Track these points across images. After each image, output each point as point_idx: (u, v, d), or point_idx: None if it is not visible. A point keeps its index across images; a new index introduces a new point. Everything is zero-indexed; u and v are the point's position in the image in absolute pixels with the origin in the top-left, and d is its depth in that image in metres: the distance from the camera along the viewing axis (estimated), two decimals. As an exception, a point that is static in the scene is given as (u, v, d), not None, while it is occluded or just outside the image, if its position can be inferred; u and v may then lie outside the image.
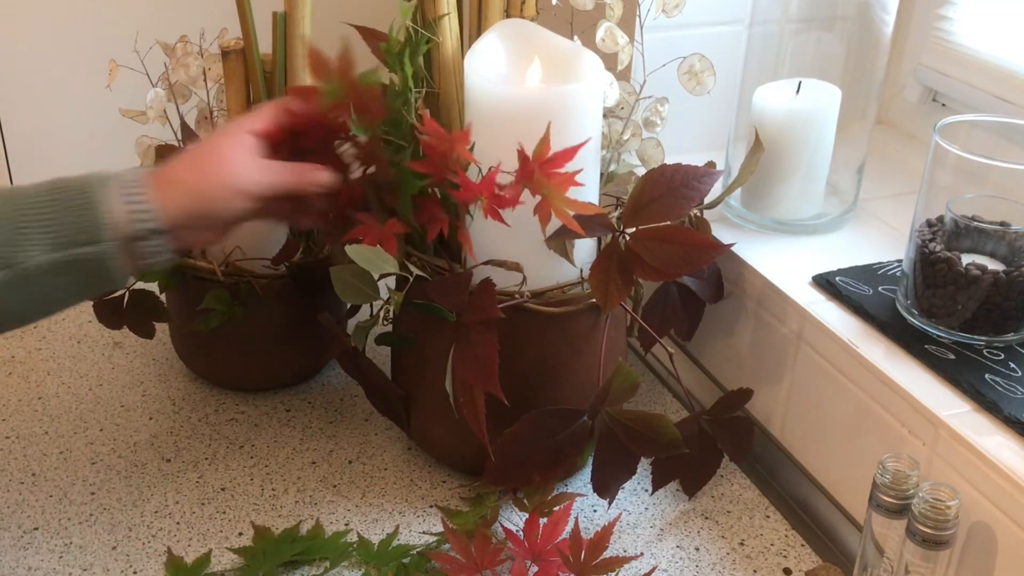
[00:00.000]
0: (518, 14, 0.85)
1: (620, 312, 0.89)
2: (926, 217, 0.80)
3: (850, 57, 0.93)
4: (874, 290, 0.85)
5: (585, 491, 0.88)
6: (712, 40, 1.00)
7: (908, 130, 1.12)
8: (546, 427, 0.80)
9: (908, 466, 0.71)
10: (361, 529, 0.86)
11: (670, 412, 1.00)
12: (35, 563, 0.82)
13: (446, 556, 0.80)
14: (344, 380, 1.05)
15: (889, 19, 0.91)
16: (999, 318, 0.77)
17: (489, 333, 0.76)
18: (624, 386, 0.80)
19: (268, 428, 0.98)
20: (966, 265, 0.76)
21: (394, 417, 0.93)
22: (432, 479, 0.92)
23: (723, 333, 0.97)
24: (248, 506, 0.88)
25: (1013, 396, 0.73)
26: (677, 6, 0.90)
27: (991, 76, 0.99)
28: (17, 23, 1.21)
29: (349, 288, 0.82)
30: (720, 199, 0.93)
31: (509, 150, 0.79)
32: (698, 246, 0.78)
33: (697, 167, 0.81)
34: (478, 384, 0.76)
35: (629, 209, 0.80)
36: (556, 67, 0.80)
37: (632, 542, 0.85)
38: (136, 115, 0.98)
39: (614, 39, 0.88)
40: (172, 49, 0.98)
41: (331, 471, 0.93)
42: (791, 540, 0.85)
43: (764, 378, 0.92)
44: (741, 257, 0.92)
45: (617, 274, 0.79)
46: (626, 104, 0.91)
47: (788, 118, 0.92)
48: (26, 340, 1.11)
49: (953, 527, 0.68)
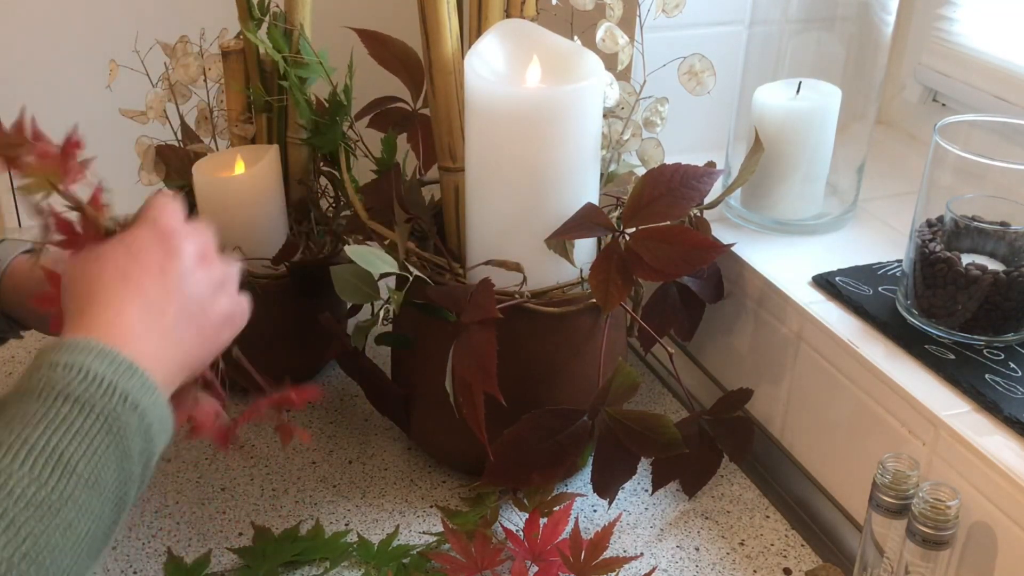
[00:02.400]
0: (518, 14, 0.85)
1: (620, 312, 0.89)
2: (926, 217, 0.80)
3: (850, 57, 0.93)
4: (874, 290, 0.85)
5: (585, 491, 0.88)
6: (712, 40, 1.00)
7: (908, 130, 1.12)
8: (546, 427, 0.80)
9: (908, 466, 0.71)
10: (361, 529, 0.86)
11: (670, 412, 1.00)
12: (35, 563, 0.82)
13: (446, 556, 0.80)
14: (344, 380, 1.05)
15: (889, 19, 0.91)
16: (999, 318, 0.77)
17: (488, 333, 0.76)
18: (624, 386, 0.80)
19: (268, 428, 0.98)
20: (966, 265, 0.76)
21: (394, 417, 0.93)
22: (432, 479, 0.92)
23: (723, 333, 0.97)
24: (248, 506, 0.88)
25: (1013, 396, 0.73)
26: (677, 6, 0.90)
27: (991, 76, 0.99)
28: (17, 23, 1.21)
29: (349, 288, 0.82)
30: (720, 199, 0.93)
31: (509, 150, 0.79)
32: (698, 246, 0.78)
33: (697, 167, 0.81)
34: (478, 384, 0.76)
35: (629, 209, 0.80)
36: (556, 67, 0.80)
37: (632, 542, 0.85)
38: (136, 115, 0.98)
39: (614, 39, 0.88)
40: (172, 49, 0.98)
41: (331, 471, 0.93)
42: (791, 540, 0.85)
43: (764, 378, 0.92)
44: (741, 257, 0.92)
45: (617, 274, 0.79)
46: (626, 104, 0.91)
47: (788, 118, 0.92)
48: (26, 340, 1.10)
49: (953, 527, 0.68)
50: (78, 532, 0.51)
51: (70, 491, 0.51)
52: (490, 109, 0.78)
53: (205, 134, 1.01)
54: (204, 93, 0.99)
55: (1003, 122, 0.83)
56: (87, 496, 0.52)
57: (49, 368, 0.53)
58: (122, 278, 0.59)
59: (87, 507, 0.52)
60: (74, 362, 0.53)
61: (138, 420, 0.55)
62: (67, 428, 0.52)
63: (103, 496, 0.53)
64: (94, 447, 0.52)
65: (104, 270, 0.59)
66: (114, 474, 0.53)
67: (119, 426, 0.54)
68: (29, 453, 0.50)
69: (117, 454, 0.53)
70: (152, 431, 0.56)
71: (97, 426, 0.53)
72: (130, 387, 0.54)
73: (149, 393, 0.55)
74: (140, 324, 0.57)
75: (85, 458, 0.52)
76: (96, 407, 0.53)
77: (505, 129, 0.78)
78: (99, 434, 0.53)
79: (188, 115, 0.99)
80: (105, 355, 0.54)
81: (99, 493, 0.53)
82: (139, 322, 0.57)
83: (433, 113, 0.85)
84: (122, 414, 0.54)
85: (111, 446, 0.53)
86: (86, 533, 0.52)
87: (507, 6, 0.85)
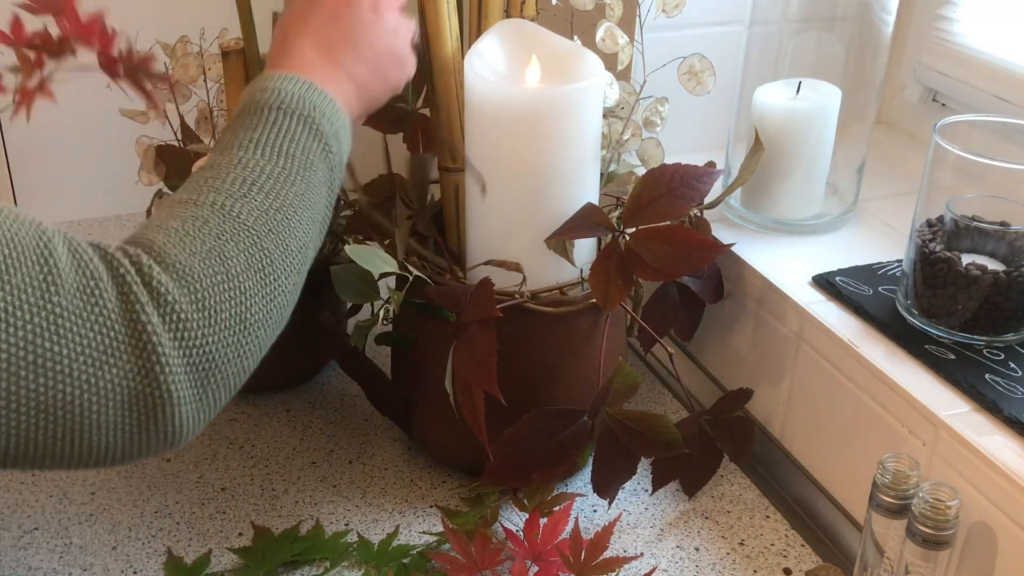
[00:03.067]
0: (518, 14, 0.85)
1: (620, 312, 0.89)
2: (926, 217, 0.80)
3: (850, 57, 0.93)
4: (874, 290, 0.85)
5: (585, 491, 0.88)
6: (712, 40, 1.00)
7: (908, 130, 1.12)
8: (546, 427, 0.80)
9: (908, 466, 0.71)
10: (361, 529, 0.86)
11: (670, 412, 1.00)
12: (35, 563, 0.82)
13: (446, 556, 0.80)
14: (344, 380, 1.05)
15: (889, 19, 0.91)
16: (999, 318, 0.77)
17: (488, 333, 0.76)
18: (624, 386, 0.80)
19: (268, 428, 0.98)
20: (966, 265, 0.76)
21: (394, 417, 0.93)
22: (432, 479, 0.92)
23: (723, 333, 0.97)
24: (248, 506, 0.88)
25: (1013, 396, 0.73)
26: (677, 6, 0.90)
27: (991, 76, 0.99)
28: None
29: (349, 287, 0.82)
30: (720, 199, 0.93)
31: (509, 150, 0.79)
32: (698, 246, 0.78)
33: (697, 167, 0.81)
34: (477, 384, 0.76)
35: (629, 209, 0.80)
36: (556, 67, 0.80)
37: (632, 542, 0.85)
38: (136, 115, 0.98)
39: (614, 39, 0.88)
40: (172, 49, 0.98)
41: (331, 471, 0.93)
42: (791, 540, 0.85)
43: (764, 378, 0.92)
44: (741, 257, 0.92)
45: (617, 274, 0.79)
46: (626, 104, 0.91)
47: (788, 118, 0.92)
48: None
49: (953, 527, 0.68)
50: (309, 202, 0.65)
51: (296, 168, 0.64)
52: (490, 109, 0.78)
53: (205, 134, 1.01)
54: (204, 93, 0.99)
55: (1003, 122, 0.83)
56: (308, 174, 0.65)
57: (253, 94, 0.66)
58: (303, 22, 0.71)
59: (311, 183, 0.65)
60: (270, 86, 0.66)
61: (328, 124, 0.67)
62: (279, 128, 0.65)
63: (318, 178, 0.65)
64: (301, 140, 0.65)
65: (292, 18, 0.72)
66: (322, 162, 0.66)
67: (315, 126, 0.66)
68: (257, 145, 0.64)
69: (320, 146, 0.66)
70: (340, 135, 0.68)
71: (300, 125, 0.65)
72: (316, 99, 0.67)
73: (330, 104, 0.67)
74: (317, 58, 0.70)
75: (299, 147, 0.65)
76: (295, 112, 0.65)
77: (505, 129, 0.78)
78: (302, 131, 0.65)
79: (188, 115, 0.99)
80: (291, 79, 0.67)
81: (315, 174, 0.65)
82: (316, 56, 0.70)
83: (433, 113, 0.85)
84: (315, 118, 0.66)
85: (313, 140, 0.66)
86: (314, 203, 0.65)
87: (507, 6, 0.85)
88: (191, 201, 0.61)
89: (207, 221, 0.60)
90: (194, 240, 0.59)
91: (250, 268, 0.60)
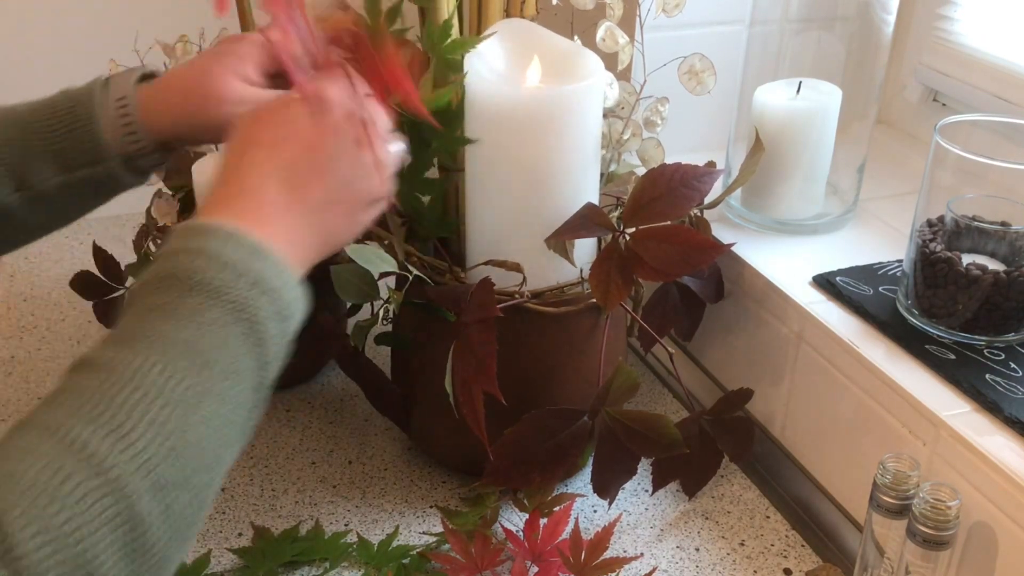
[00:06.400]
0: (518, 14, 0.85)
1: (620, 312, 0.89)
2: (926, 217, 0.80)
3: (850, 57, 0.93)
4: (874, 290, 0.85)
5: (585, 491, 0.88)
6: (712, 40, 1.00)
7: (908, 130, 1.12)
8: (546, 427, 0.80)
9: (908, 466, 0.71)
10: (361, 529, 0.86)
11: (670, 412, 1.00)
12: (35, 563, 0.82)
13: (446, 556, 0.80)
14: (344, 380, 1.05)
15: (889, 19, 0.91)
16: (999, 318, 0.77)
17: (488, 332, 0.76)
18: (624, 386, 0.80)
19: (268, 428, 0.98)
20: (966, 265, 0.76)
21: (394, 417, 0.93)
22: (432, 479, 0.92)
23: (723, 333, 0.97)
24: (248, 506, 0.88)
25: (1013, 396, 0.73)
26: (677, 6, 0.90)
27: (991, 76, 0.99)
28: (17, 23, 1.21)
29: (349, 287, 0.82)
30: (720, 199, 0.93)
31: (509, 150, 0.79)
32: (698, 246, 0.78)
33: (697, 167, 0.81)
34: (477, 384, 0.76)
35: (629, 209, 0.80)
36: (556, 67, 0.80)
37: (632, 542, 0.85)
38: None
39: (614, 39, 0.88)
40: (172, 49, 0.98)
41: (331, 471, 0.93)
42: (791, 540, 0.85)
43: (764, 378, 0.92)
44: (741, 257, 0.92)
45: (617, 274, 0.79)
46: (626, 104, 0.91)
47: (788, 118, 0.92)
48: (26, 340, 1.11)
49: (953, 527, 0.68)
50: (219, 423, 0.50)
51: (213, 382, 0.50)
52: (490, 109, 0.78)
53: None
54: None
55: (1003, 122, 0.83)
56: (227, 387, 0.51)
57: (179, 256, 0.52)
58: (270, 148, 0.57)
59: (226, 398, 0.51)
60: (205, 248, 0.52)
61: (270, 304, 0.53)
62: (200, 324, 0.50)
63: (240, 387, 0.52)
64: (229, 342, 0.51)
65: (254, 139, 0.58)
66: (251, 361, 0.52)
67: (251, 312, 0.52)
68: (166, 347, 0.49)
69: (252, 340, 0.52)
70: (287, 310, 0.54)
71: (231, 319, 0.51)
72: (263, 270, 0.53)
73: (280, 275, 0.54)
74: (279, 199, 0.56)
75: (223, 352, 0.51)
76: (229, 300, 0.51)
77: (505, 129, 0.78)
78: (233, 328, 0.51)
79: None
80: (232, 240, 0.53)
81: (236, 384, 0.51)
82: (277, 197, 0.56)
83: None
84: (253, 299, 0.52)
85: (244, 341, 0.52)
86: (228, 422, 0.51)
87: (507, 6, 0.85)
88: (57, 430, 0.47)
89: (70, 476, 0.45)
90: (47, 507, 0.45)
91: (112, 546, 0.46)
